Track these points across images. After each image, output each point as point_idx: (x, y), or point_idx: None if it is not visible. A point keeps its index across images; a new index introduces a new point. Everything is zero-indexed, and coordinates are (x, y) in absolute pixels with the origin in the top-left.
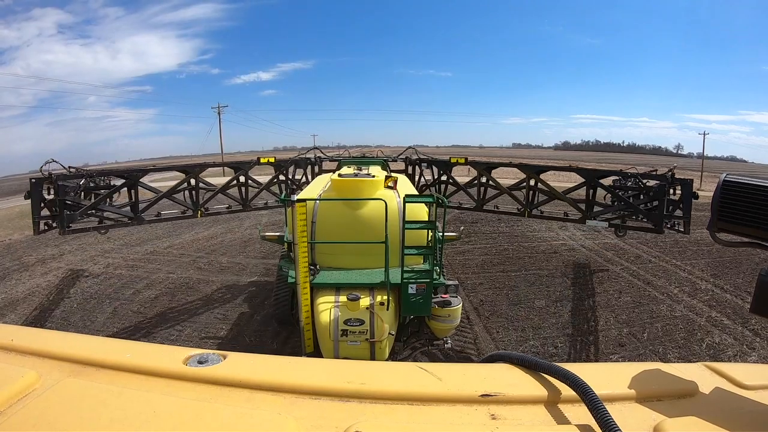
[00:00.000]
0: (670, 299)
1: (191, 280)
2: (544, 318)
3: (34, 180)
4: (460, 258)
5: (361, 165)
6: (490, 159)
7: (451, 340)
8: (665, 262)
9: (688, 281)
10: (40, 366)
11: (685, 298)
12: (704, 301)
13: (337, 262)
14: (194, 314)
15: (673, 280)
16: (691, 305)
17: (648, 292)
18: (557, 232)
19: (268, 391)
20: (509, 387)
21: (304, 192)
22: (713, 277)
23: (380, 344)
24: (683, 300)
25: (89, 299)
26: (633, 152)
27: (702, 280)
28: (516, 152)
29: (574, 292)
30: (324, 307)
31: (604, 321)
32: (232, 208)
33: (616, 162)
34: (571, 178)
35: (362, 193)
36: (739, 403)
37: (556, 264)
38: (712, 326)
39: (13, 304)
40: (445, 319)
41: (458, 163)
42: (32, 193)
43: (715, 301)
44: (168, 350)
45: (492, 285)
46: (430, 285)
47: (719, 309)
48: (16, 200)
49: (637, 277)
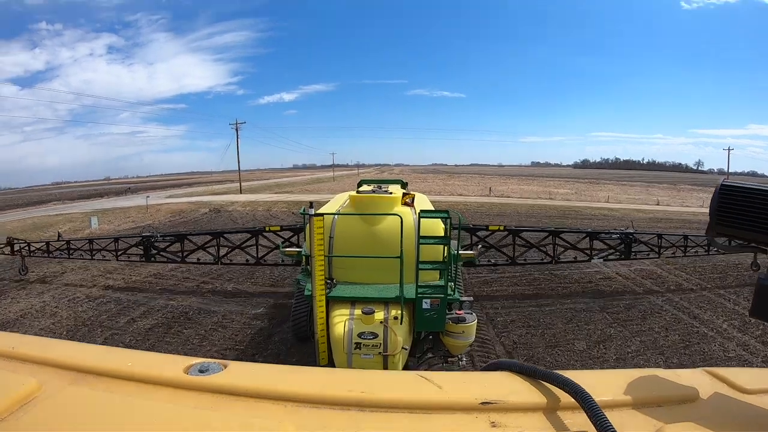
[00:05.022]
0: (720, 336)
1: (191, 310)
2: (586, 363)
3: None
4: (487, 289)
5: (380, 183)
6: (515, 203)
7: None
8: (708, 290)
9: (736, 313)
10: (41, 374)
11: (736, 334)
12: (756, 337)
13: (354, 276)
14: (187, 352)
15: (719, 312)
16: (744, 343)
17: (696, 329)
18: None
19: (269, 399)
20: (509, 394)
21: (324, 208)
22: None
23: (393, 358)
24: (734, 336)
25: (80, 326)
26: (653, 169)
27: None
28: (535, 170)
29: (616, 331)
30: (339, 320)
31: (655, 366)
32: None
33: (637, 180)
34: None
35: (379, 208)
36: (740, 408)
37: (593, 295)
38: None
39: (2, 327)
40: (459, 336)
41: (498, 230)
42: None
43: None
44: (169, 359)
45: (525, 322)
46: (444, 300)
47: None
48: (34, 211)
49: (682, 310)
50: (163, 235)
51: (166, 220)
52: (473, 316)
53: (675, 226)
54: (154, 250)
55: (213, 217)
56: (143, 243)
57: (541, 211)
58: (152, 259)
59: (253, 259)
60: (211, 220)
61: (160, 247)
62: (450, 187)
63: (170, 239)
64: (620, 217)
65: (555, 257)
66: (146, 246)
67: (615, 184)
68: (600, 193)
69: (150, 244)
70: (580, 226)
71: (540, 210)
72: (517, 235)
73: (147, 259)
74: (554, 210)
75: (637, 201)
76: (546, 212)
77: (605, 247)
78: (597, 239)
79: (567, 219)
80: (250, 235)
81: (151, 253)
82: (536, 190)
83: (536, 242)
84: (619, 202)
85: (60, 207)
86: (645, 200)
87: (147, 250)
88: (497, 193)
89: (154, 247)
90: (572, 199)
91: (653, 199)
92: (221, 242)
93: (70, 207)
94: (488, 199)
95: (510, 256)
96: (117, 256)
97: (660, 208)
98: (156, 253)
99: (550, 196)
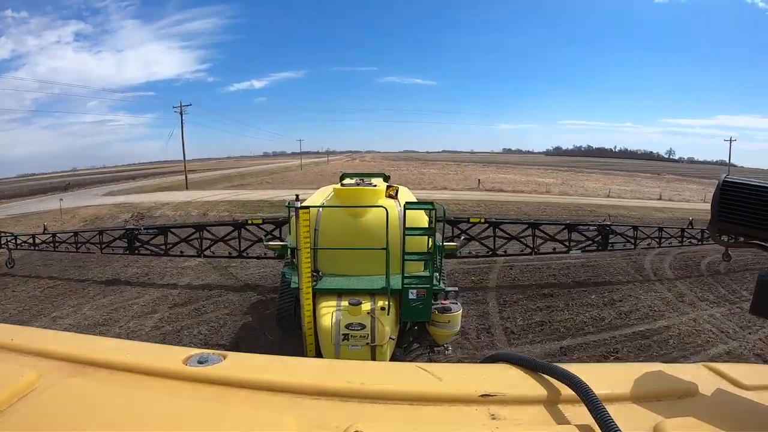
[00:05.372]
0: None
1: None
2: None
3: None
4: (502, 323)
5: (362, 176)
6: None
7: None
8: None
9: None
10: (39, 366)
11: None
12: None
13: (340, 268)
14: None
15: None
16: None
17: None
18: (674, 305)
19: (268, 391)
20: (509, 387)
21: (308, 200)
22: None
23: (381, 348)
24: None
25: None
26: (625, 157)
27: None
28: (509, 158)
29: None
30: (326, 312)
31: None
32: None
33: (615, 168)
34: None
35: (364, 201)
36: (740, 404)
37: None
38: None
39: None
40: (445, 325)
41: (479, 223)
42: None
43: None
44: (168, 350)
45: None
46: (429, 291)
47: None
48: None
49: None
50: (146, 228)
51: (74, 231)
52: (458, 306)
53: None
54: (138, 242)
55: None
56: (127, 236)
57: (550, 209)
58: (136, 252)
59: (235, 252)
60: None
61: (143, 240)
62: (427, 177)
63: (153, 232)
64: (640, 217)
65: (534, 249)
66: (130, 239)
67: (600, 173)
68: (588, 183)
69: (134, 237)
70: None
71: (548, 208)
72: (498, 227)
73: (131, 252)
74: (564, 209)
75: (638, 195)
76: (557, 211)
77: (583, 238)
78: (575, 231)
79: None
80: (232, 228)
81: (135, 245)
82: (521, 179)
83: (516, 234)
84: (620, 196)
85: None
86: (644, 193)
87: (131, 242)
88: (487, 185)
89: (138, 239)
90: (571, 193)
91: (650, 191)
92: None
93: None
94: (479, 194)
95: (491, 248)
96: (101, 249)
97: (671, 204)
98: (140, 246)
99: (546, 189)
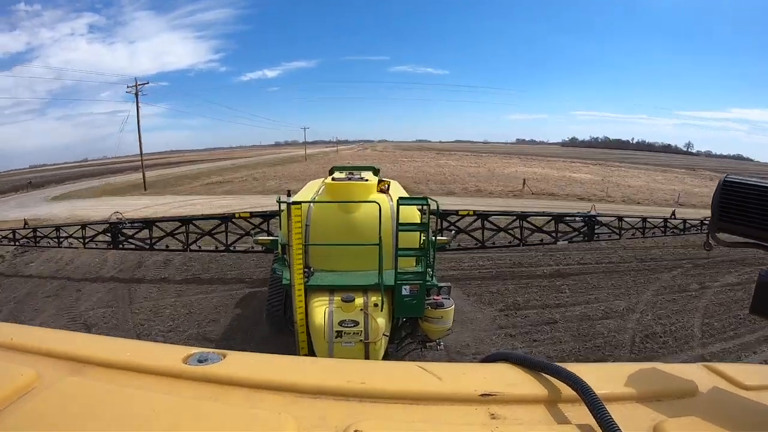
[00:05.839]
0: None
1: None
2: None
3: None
4: (508, 341)
5: (353, 170)
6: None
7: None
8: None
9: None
10: (39, 364)
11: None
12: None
13: (331, 264)
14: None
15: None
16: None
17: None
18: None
19: (268, 390)
20: (509, 386)
21: (298, 195)
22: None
23: (374, 345)
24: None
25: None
26: (644, 149)
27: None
28: (527, 148)
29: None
30: (318, 309)
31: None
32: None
33: (637, 160)
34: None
35: (355, 196)
36: (739, 404)
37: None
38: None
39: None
40: (437, 321)
41: (468, 215)
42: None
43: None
44: (167, 349)
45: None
46: (422, 286)
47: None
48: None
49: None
50: (131, 221)
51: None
52: (451, 302)
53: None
54: (122, 237)
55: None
56: (111, 230)
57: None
58: (120, 246)
59: (222, 246)
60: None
61: (128, 234)
62: (447, 171)
63: (138, 225)
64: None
65: (522, 240)
66: (114, 233)
67: (630, 168)
68: (630, 180)
69: (118, 231)
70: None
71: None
72: (486, 219)
73: (115, 246)
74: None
75: (701, 198)
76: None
77: (570, 229)
78: (562, 222)
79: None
80: (219, 221)
81: (119, 239)
82: (555, 175)
83: (504, 226)
84: (690, 202)
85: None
86: (699, 196)
87: (115, 237)
88: (532, 186)
89: (122, 233)
90: (638, 199)
91: (700, 191)
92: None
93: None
94: (534, 201)
95: (479, 240)
96: (84, 244)
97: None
98: (124, 240)
99: (605, 191)
